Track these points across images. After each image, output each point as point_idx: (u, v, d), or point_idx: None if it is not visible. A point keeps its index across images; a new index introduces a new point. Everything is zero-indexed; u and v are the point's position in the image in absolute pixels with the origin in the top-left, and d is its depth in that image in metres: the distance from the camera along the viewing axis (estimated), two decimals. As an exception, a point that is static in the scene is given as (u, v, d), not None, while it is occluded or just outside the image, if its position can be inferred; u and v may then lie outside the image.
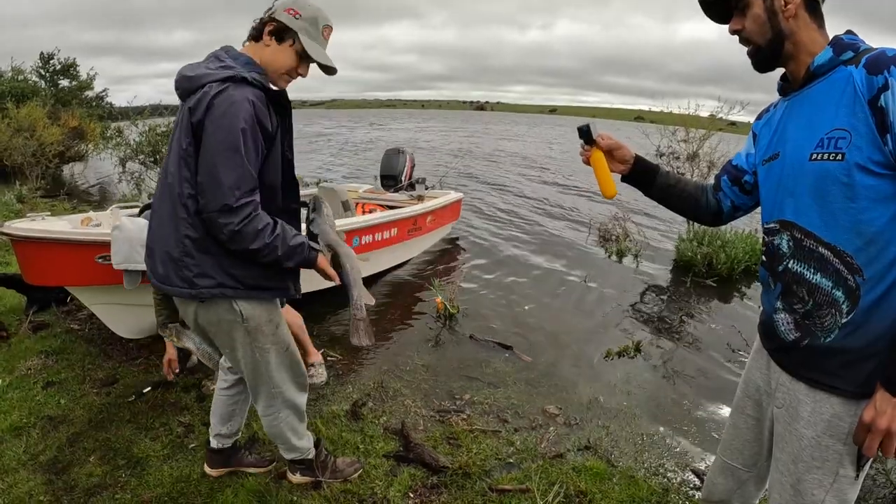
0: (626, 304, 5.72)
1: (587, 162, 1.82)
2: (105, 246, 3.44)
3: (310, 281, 2.36)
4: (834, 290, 1.32)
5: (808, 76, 1.43)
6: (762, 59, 1.51)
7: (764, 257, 1.56)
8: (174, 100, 2.12)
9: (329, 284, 2.23)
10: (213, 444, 2.71)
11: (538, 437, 3.19)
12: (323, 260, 2.16)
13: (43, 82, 20.10)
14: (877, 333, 1.29)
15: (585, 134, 1.81)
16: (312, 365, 3.83)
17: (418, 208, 6.46)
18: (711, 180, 1.87)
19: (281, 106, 2.07)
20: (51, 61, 20.41)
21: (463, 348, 4.51)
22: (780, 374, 1.52)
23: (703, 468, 2.94)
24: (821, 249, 1.34)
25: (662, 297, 6.10)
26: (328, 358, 4.11)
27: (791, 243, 1.41)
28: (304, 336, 3.85)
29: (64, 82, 20.62)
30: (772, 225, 1.49)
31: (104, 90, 21.64)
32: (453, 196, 7.52)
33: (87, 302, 3.81)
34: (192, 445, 3.00)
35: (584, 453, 3.07)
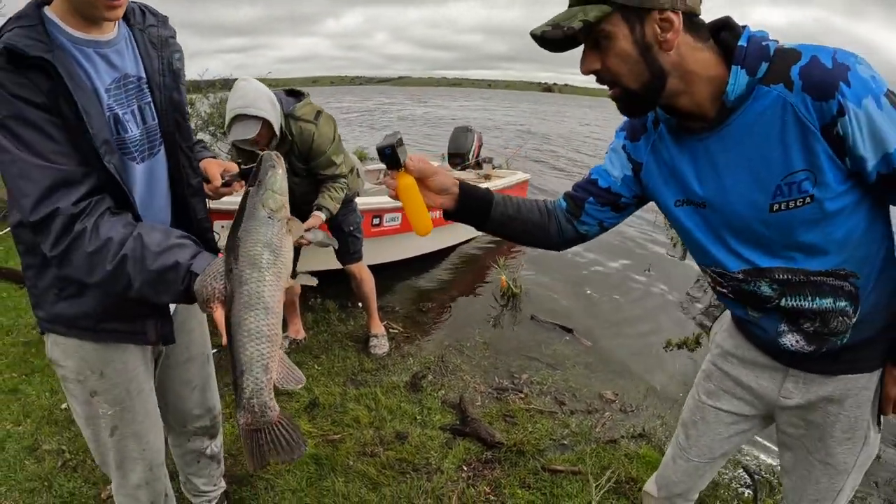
0: (688, 297, 5.57)
1: (394, 194, 1.39)
2: None
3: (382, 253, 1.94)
4: (837, 303, 1.22)
5: (722, 111, 1.17)
6: (635, 103, 1.22)
7: (733, 296, 1.36)
8: (243, 74, 1.98)
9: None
10: None
11: (593, 422, 3.18)
12: (209, 297, 1.21)
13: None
14: (884, 314, 1.27)
15: (389, 157, 1.33)
16: (375, 336, 3.93)
17: (484, 187, 6.44)
18: (555, 199, 1.56)
19: (48, 69, 1.22)
20: None
21: (524, 328, 4.52)
22: (796, 375, 1.41)
23: (754, 466, 2.88)
24: (812, 278, 1.21)
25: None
26: (390, 330, 4.19)
27: (774, 286, 1.25)
28: (371, 303, 3.94)
29: None
30: (737, 274, 1.29)
31: None
32: (520, 176, 7.44)
33: None
34: None
35: (637, 441, 3.04)
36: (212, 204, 1.83)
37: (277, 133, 3.09)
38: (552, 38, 1.15)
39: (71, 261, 1.27)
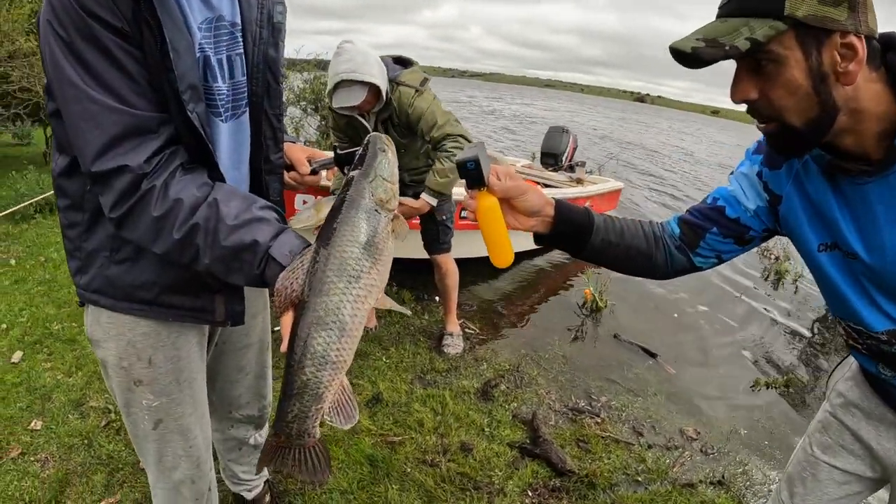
0: (778, 333, 5.09)
1: (471, 217, 1.18)
2: None
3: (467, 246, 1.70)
4: None
5: (890, 155, 0.95)
6: (794, 143, 1.00)
7: (867, 352, 1.17)
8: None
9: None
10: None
11: (672, 460, 2.89)
12: (285, 304, 0.99)
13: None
14: None
15: (471, 172, 1.12)
16: (451, 334, 3.75)
17: (576, 191, 6.16)
18: (663, 222, 1.36)
19: None
20: None
21: (605, 346, 4.23)
22: None
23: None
24: None
25: (818, 332, 5.33)
26: (466, 330, 4.00)
27: None
28: (452, 298, 3.76)
29: None
30: (880, 335, 1.09)
31: None
32: (613, 184, 7.10)
33: None
34: None
35: (716, 488, 2.73)
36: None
37: (384, 98, 2.94)
38: (705, 58, 0.91)
39: (133, 224, 1.07)
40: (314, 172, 1.55)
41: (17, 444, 2.49)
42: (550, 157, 7.18)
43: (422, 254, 3.68)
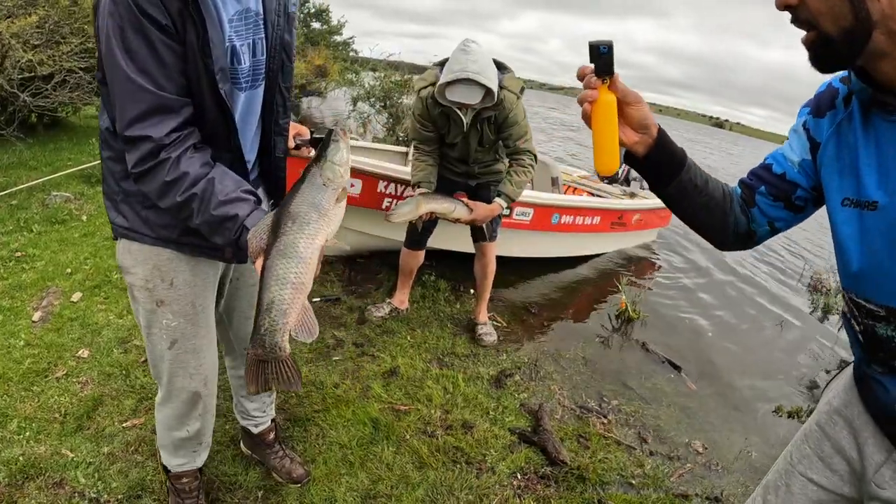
0: (813, 364, 4.86)
1: (586, 110, 1.09)
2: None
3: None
4: None
5: None
6: (829, 55, 0.97)
7: (862, 339, 1.10)
8: (416, 59, 1.97)
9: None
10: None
11: (671, 469, 2.86)
12: (256, 251, 1.28)
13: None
14: None
15: (603, 56, 1.05)
16: (484, 324, 3.84)
17: (627, 203, 6.08)
18: (733, 185, 1.30)
19: None
20: (306, 4, 21.12)
21: (630, 354, 4.19)
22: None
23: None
24: None
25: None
26: (493, 322, 4.06)
27: None
28: (487, 289, 3.85)
29: (315, 24, 21.44)
30: (878, 309, 1.02)
31: (351, 37, 22.06)
32: None
33: None
34: (336, 359, 3.17)
35: (710, 504, 2.70)
36: None
37: (493, 100, 3.10)
38: None
39: (147, 181, 1.34)
40: (297, 147, 1.82)
41: (64, 366, 2.75)
42: (607, 170, 7.09)
43: (468, 248, 3.82)
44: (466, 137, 3.29)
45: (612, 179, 6.95)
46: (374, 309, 3.77)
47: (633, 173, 7.14)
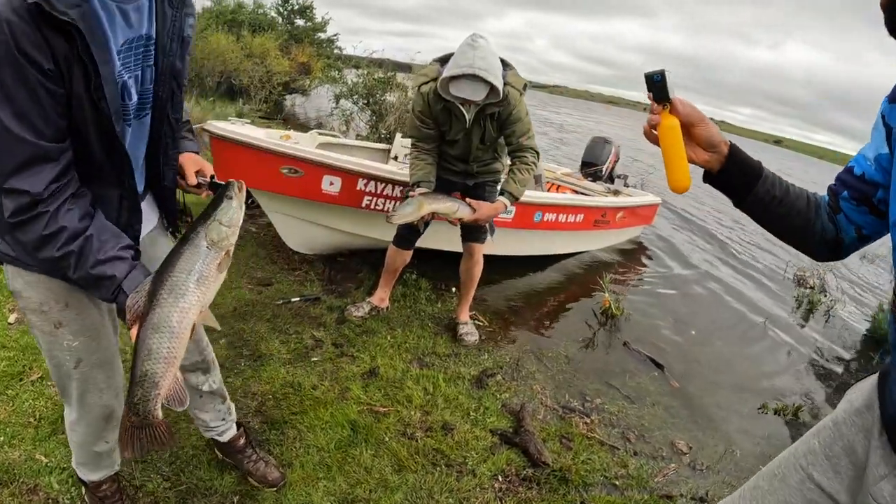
0: (799, 362, 4.88)
1: (651, 134, 1.16)
2: (292, 159, 3.59)
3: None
4: None
5: None
6: None
7: None
8: (399, 56, 1.86)
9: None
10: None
11: (655, 469, 2.82)
12: (132, 319, 1.26)
13: (280, 18, 20.49)
14: None
15: (657, 84, 1.13)
16: (465, 324, 3.77)
17: (611, 201, 6.05)
18: (822, 193, 1.25)
19: (72, 31, 1.14)
20: (289, 1, 20.64)
21: (613, 353, 4.15)
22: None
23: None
24: None
25: (841, 367, 5.09)
26: (475, 321, 3.98)
27: None
28: (471, 290, 3.78)
29: (299, 22, 20.87)
30: None
31: (336, 34, 21.30)
32: (650, 199, 6.94)
33: (266, 207, 4.01)
34: (315, 360, 3.09)
35: (695, 504, 2.66)
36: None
37: (498, 97, 3.04)
38: None
39: (24, 232, 1.27)
40: (198, 186, 1.69)
41: (39, 369, 2.64)
42: (591, 167, 7.06)
43: (456, 248, 3.76)
44: (469, 134, 3.22)
45: (595, 177, 6.93)
46: (353, 308, 3.69)
47: (617, 170, 7.14)
